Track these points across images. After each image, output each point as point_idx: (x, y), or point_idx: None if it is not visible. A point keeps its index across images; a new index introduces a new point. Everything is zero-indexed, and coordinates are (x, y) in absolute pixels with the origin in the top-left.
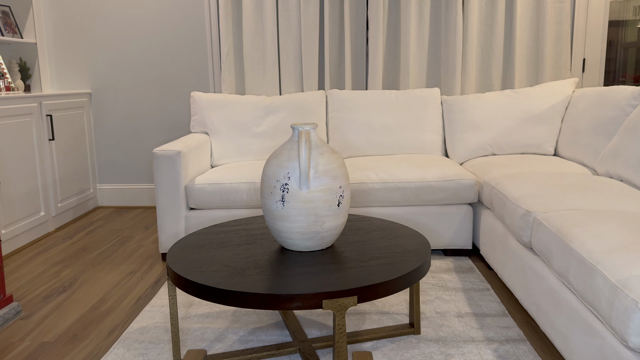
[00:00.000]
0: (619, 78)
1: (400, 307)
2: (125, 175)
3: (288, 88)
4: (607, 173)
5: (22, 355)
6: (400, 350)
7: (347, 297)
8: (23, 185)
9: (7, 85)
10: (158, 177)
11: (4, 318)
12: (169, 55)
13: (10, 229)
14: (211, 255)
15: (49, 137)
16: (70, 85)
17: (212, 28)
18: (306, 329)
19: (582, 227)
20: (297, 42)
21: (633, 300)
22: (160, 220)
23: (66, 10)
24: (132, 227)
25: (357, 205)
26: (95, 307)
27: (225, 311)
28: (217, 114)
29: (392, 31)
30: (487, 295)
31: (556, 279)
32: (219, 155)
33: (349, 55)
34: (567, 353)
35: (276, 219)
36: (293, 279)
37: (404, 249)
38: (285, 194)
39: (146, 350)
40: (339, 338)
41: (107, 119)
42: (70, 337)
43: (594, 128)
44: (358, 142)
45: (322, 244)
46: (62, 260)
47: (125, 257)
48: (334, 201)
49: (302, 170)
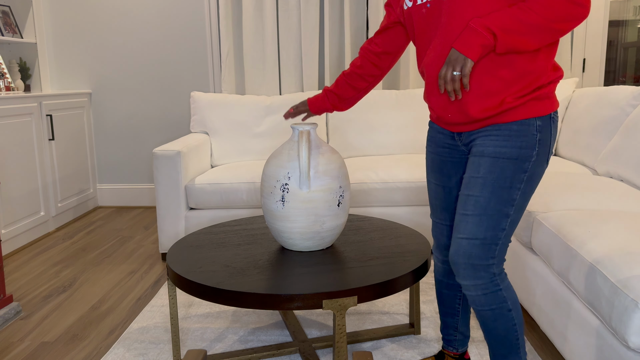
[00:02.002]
0: (619, 78)
1: (400, 307)
2: (125, 175)
3: (288, 88)
4: (607, 173)
5: (22, 355)
6: (400, 350)
7: (347, 297)
8: (23, 185)
9: (7, 85)
10: (158, 177)
11: (4, 318)
12: (169, 55)
13: (10, 229)
14: (211, 255)
15: (49, 137)
16: (70, 85)
17: (212, 28)
18: (306, 329)
19: (582, 227)
20: (297, 42)
21: (633, 300)
22: (160, 220)
23: (66, 10)
24: (132, 227)
25: (357, 205)
26: (95, 307)
27: (225, 311)
28: (217, 113)
29: None
30: None
31: (556, 279)
32: (219, 155)
33: (349, 55)
34: (567, 353)
35: (276, 219)
36: (293, 279)
37: (404, 249)
38: (286, 194)
39: (146, 350)
40: (339, 338)
41: (107, 119)
42: (70, 337)
43: (594, 128)
44: (358, 142)
45: (322, 244)
46: (62, 260)
47: (125, 257)
48: (334, 201)
49: (302, 170)
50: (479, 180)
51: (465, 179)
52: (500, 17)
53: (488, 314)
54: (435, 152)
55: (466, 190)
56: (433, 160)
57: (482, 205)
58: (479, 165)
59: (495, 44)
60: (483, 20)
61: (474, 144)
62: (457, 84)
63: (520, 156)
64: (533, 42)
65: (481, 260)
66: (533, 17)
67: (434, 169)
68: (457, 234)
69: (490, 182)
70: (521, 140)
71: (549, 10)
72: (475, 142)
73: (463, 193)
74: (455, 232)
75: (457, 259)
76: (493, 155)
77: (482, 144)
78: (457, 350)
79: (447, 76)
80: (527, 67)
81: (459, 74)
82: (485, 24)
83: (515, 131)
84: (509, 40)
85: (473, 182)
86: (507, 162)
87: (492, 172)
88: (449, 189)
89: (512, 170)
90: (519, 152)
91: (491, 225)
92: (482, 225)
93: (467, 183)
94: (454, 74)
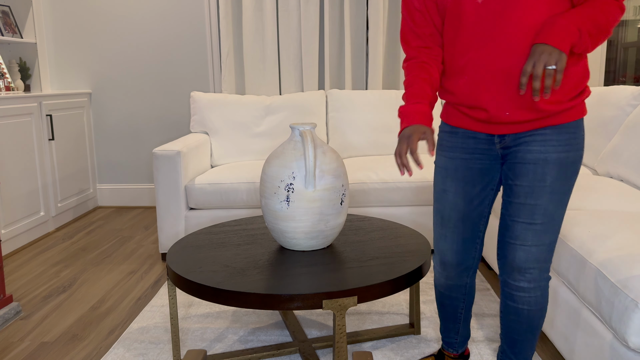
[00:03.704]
0: (619, 78)
1: (400, 307)
2: (125, 175)
3: (288, 88)
4: (607, 173)
5: (22, 355)
6: (400, 350)
7: (347, 297)
8: (23, 185)
9: (7, 85)
10: (158, 177)
11: (4, 318)
12: (169, 55)
13: (10, 229)
14: (211, 255)
15: (48, 137)
16: (70, 85)
17: (212, 28)
18: (306, 329)
19: (582, 227)
20: (297, 42)
21: (633, 300)
22: (160, 220)
23: (66, 10)
24: (132, 227)
25: (357, 205)
26: (95, 307)
27: (225, 311)
28: (217, 113)
29: (392, 31)
30: (487, 295)
31: (556, 279)
32: (219, 155)
33: (349, 55)
34: (567, 353)
35: (280, 219)
36: (293, 279)
37: (404, 249)
38: (291, 194)
39: (146, 350)
40: (339, 338)
41: (107, 119)
42: (70, 337)
43: (594, 128)
44: (358, 142)
45: (325, 243)
46: (62, 260)
47: (125, 257)
48: (337, 200)
49: (308, 169)
50: (547, 189)
51: (525, 187)
52: (579, 16)
53: (537, 313)
54: (462, 159)
55: (531, 200)
56: (457, 168)
57: (550, 214)
58: (544, 173)
59: (577, 43)
60: (568, 16)
61: (524, 149)
62: (551, 79)
63: (576, 159)
64: (595, 44)
65: (547, 262)
66: (602, 20)
67: (457, 177)
68: (522, 242)
69: (557, 190)
70: (577, 142)
71: (608, 14)
72: (530, 148)
73: (526, 202)
74: (517, 240)
75: (526, 265)
76: (558, 162)
77: (543, 150)
78: (457, 352)
79: (538, 71)
80: (573, 68)
81: (554, 67)
82: (573, 21)
83: (572, 133)
84: (585, 41)
85: (539, 190)
86: (570, 166)
87: (558, 179)
88: (471, 197)
89: (572, 174)
90: (576, 155)
91: (555, 229)
92: (549, 231)
93: (530, 191)
94: (548, 68)
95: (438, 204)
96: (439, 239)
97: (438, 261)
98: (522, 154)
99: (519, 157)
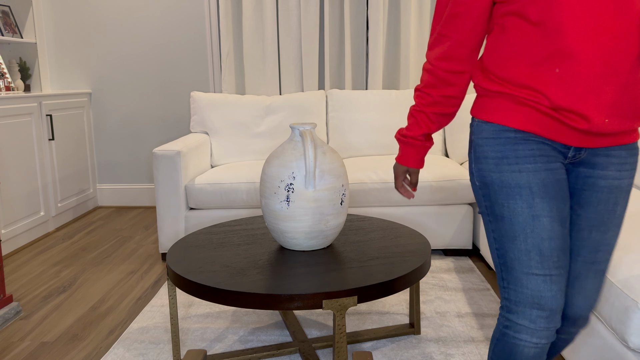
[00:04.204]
0: None
1: (400, 307)
2: (125, 175)
3: (288, 88)
4: None
5: (22, 355)
6: (400, 350)
7: (347, 297)
8: (23, 185)
9: (7, 85)
10: (158, 177)
11: (4, 318)
12: (169, 55)
13: (10, 229)
14: (211, 255)
15: (48, 137)
16: (70, 85)
17: (212, 28)
18: (306, 329)
19: None
20: (297, 42)
21: (633, 300)
22: (160, 220)
23: (66, 10)
24: (132, 227)
25: (357, 205)
26: (95, 307)
27: (225, 311)
28: (217, 113)
29: (392, 31)
30: (487, 295)
31: None
32: (219, 155)
33: (349, 55)
34: (567, 353)
35: (280, 220)
36: (293, 279)
37: (404, 249)
38: (291, 194)
39: (146, 350)
40: (339, 338)
41: (107, 119)
42: (70, 337)
43: None
44: (358, 142)
45: (325, 242)
46: (62, 260)
47: (125, 257)
48: (337, 199)
49: (308, 169)
50: (616, 222)
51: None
52: None
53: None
54: (548, 170)
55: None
56: (544, 182)
57: (612, 250)
58: (616, 202)
59: None
60: None
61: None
62: None
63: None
64: None
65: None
66: None
67: (547, 194)
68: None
69: (622, 222)
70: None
71: None
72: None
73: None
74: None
75: (587, 313)
76: (628, 189)
77: (618, 176)
78: None
79: None
80: None
81: None
82: None
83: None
84: None
85: (610, 222)
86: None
87: (624, 208)
88: (563, 220)
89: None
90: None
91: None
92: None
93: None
94: None
95: (531, 237)
96: (539, 284)
97: (538, 314)
98: (594, 180)
99: (590, 182)
